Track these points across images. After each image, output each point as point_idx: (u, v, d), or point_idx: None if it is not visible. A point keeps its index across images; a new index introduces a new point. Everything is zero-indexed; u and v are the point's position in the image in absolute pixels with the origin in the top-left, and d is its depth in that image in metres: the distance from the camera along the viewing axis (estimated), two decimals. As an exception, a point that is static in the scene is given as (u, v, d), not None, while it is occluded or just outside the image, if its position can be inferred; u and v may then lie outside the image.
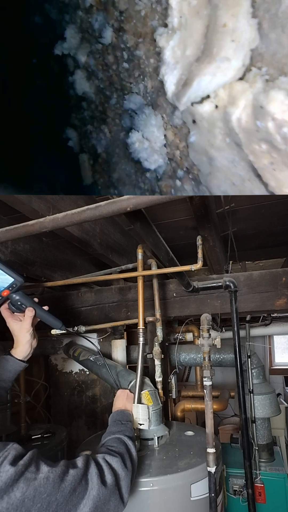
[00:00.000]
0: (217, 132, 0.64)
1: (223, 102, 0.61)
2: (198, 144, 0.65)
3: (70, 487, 0.78)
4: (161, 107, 0.66)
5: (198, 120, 0.64)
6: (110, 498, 0.85)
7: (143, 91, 0.66)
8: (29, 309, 1.12)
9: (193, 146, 0.66)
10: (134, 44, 0.63)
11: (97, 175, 0.71)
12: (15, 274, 1.04)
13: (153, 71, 0.64)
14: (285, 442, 3.70)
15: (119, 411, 1.29)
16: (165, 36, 0.61)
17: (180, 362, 3.00)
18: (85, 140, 0.70)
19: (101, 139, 0.70)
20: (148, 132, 0.67)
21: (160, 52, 0.62)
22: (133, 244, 1.99)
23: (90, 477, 0.84)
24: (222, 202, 1.63)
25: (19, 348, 1.15)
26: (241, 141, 0.62)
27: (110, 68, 0.66)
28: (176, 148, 0.68)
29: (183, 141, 0.67)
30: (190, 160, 0.68)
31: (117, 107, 0.68)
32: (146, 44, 0.63)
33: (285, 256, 2.53)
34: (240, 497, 2.18)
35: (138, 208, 0.80)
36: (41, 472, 0.75)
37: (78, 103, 0.68)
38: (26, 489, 0.70)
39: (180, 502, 1.20)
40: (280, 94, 0.57)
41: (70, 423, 2.73)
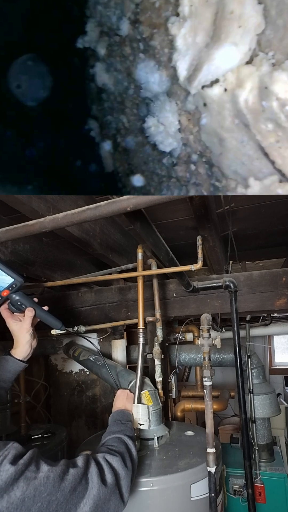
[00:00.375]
0: (226, 114, 0.68)
1: (231, 85, 0.66)
2: (209, 126, 0.70)
3: (70, 486, 0.78)
4: (174, 94, 0.70)
5: (208, 103, 0.68)
6: (110, 498, 0.85)
7: (158, 79, 0.70)
8: (29, 309, 1.12)
9: (205, 128, 0.71)
10: (150, 35, 0.67)
11: (118, 163, 0.74)
12: (15, 274, 1.04)
13: (167, 60, 0.68)
14: (285, 442, 3.70)
15: (119, 411, 1.29)
16: (177, 25, 0.66)
17: (180, 362, 3.00)
18: (106, 130, 0.73)
19: (120, 129, 0.73)
20: (163, 118, 0.72)
21: (172, 40, 0.67)
22: (133, 244, 1.99)
23: (91, 477, 0.84)
24: (222, 202, 1.63)
25: (19, 349, 1.15)
26: (248, 122, 0.67)
27: (128, 59, 0.69)
28: (190, 133, 0.72)
29: (196, 126, 0.72)
30: (203, 143, 0.72)
31: (134, 97, 0.72)
32: (161, 34, 0.67)
33: (285, 256, 2.53)
34: (240, 497, 2.18)
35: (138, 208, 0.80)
36: (41, 471, 0.75)
37: (99, 95, 0.71)
38: (26, 488, 0.71)
39: (180, 502, 1.20)
40: (283, 75, 0.62)
41: (70, 423, 2.73)
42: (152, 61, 0.68)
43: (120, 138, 0.73)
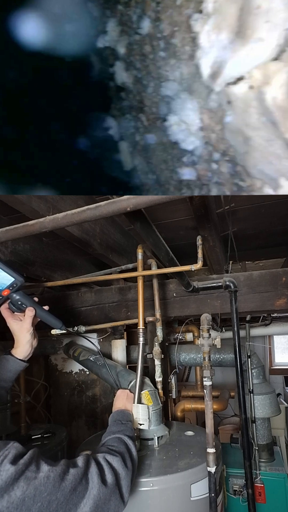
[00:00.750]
0: (252, 111, 0.67)
1: (257, 82, 0.64)
2: (233, 124, 0.69)
3: (70, 486, 0.78)
4: (196, 92, 0.69)
5: (233, 101, 0.67)
6: (110, 498, 0.85)
7: (179, 77, 0.69)
8: (29, 308, 1.12)
9: (229, 127, 0.69)
10: (170, 33, 0.67)
11: (137, 161, 0.74)
12: (15, 274, 1.04)
13: (188, 58, 0.67)
14: (285, 442, 3.70)
15: (119, 411, 1.29)
16: (200, 22, 0.65)
17: (180, 362, 3.00)
18: (124, 129, 0.73)
19: (139, 127, 0.73)
20: (185, 116, 0.71)
21: (195, 37, 0.66)
22: (133, 244, 1.99)
23: (91, 476, 0.84)
24: (222, 202, 1.63)
25: (19, 348, 1.15)
26: (276, 120, 0.65)
27: (147, 58, 0.69)
28: (211, 132, 0.71)
29: (218, 124, 0.70)
30: (226, 141, 0.71)
31: (153, 95, 0.71)
32: (182, 32, 0.66)
33: (285, 256, 2.53)
34: (240, 497, 2.18)
35: (138, 208, 0.81)
36: (41, 471, 0.75)
37: (117, 93, 0.71)
38: (27, 488, 0.71)
39: (180, 502, 1.20)
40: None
41: (70, 423, 2.73)
42: (173, 59, 0.68)
43: (139, 136, 0.73)
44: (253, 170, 0.70)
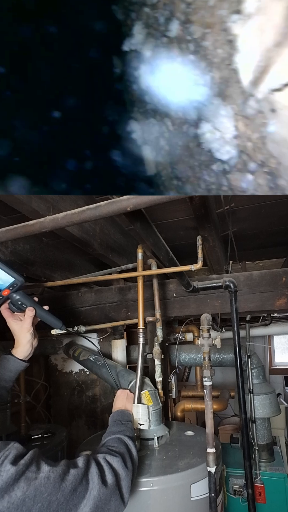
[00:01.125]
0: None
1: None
2: (278, 135, 0.64)
3: (71, 487, 0.78)
4: (230, 97, 0.65)
5: (278, 109, 0.62)
6: (111, 498, 0.85)
7: (210, 82, 0.65)
8: (29, 308, 1.12)
9: (272, 137, 0.64)
10: (201, 35, 0.63)
11: (160, 167, 0.72)
12: (15, 273, 1.05)
13: (221, 61, 0.63)
14: (285, 442, 3.70)
15: (119, 411, 1.29)
16: (240, 23, 0.60)
17: (180, 362, 3.00)
18: (148, 133, 0.70)
19: (164, 132, 0.70)
20: (218, 123, 0.67)
21: (232, 40, 0.61)
22: (133, 244, 1.99)
23: (91, 477, 0.84)
24: (222, 202, 1.63)
25: (19, 348, 1.15)
26: None
27: (175, 61, 0.66)
28: (247, 140, 0.67)
29: (256, 132, 0.66)
30: (267, 152, 0.66)
31: (179, 99, 0.68)
32: (214, 34, 0.62)
33: (285, 256, 2.53)
34: (240, 497, 2.18)
35: (138, 208, 0.81)
36: (42, 472, 0.75)
37: (141, 97, 0.69)
38: (27, 488, 0.71)
39: (180, 502, 1.20)
40: None
41: (70, 423, 2.73)
42: (203, 62, 0.64)
43: (163, 141, 0.70)
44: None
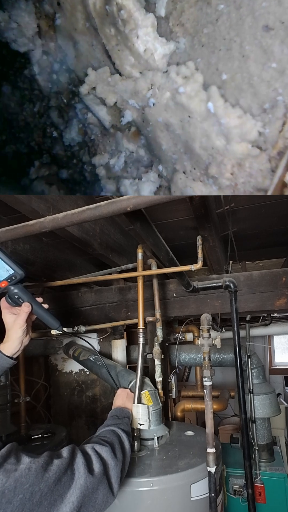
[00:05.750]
0: (78, 16, 0.79)
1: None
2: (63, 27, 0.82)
3: (54, 477, 0.77)
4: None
5: (62, 2, 0.80)
6: (98, 487, 0.84)
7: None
8: (25, 304, 1.05)
9: (59, 30, 0.81)
10: None
11: None
12: (16, 266, 1.00)
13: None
14: (285, 442, 3.70)
15: (118, 408, 1.30)
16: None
17: (180, 362, 3.00)
18: None
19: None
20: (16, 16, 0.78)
21: None
22: (133, 244, 1.99)
23: (77, 467, 0.83)
24: (222, 202, 1.63)
25: (8, 343, 1.07)
26: (97, 25, 0.76)
27: None
28: (50, 40, 0.83)
29: (51, 28, 0.82)
30: (60, 48, 0.83)
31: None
32: None
33: (285, 256, 2.53)
34: (240, 497, 2.18)
35: (138, 208, 0.80)
36: (22, 463, 0.74)
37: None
38: (6, 480, 0.70)
39: (180, 502, 1.20)
40: None
41: (70, 423, 2.73)
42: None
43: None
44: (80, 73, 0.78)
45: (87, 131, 1.02)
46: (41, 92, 0.89)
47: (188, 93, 0.79)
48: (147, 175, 0.97)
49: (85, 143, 1.05)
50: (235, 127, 0.77)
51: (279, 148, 0.74)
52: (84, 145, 1.05)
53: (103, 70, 0.83)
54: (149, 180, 0.96)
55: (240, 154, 0.78)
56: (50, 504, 0.73)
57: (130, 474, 1.18)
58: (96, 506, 0.83)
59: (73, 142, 1.04)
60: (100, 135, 1.01)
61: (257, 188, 0.80)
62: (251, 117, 0.76)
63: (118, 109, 0.92)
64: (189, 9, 0.74)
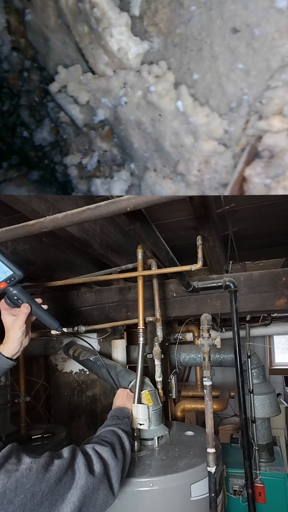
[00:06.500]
0: (50, 12, 0.77)
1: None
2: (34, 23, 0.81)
3: (55, 477, 0.77)
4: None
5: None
6: (99, 487, 0.84)
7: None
8: (24, 305, 1.06)
9: (30, 26, 0.80)
10: None
11: None
12: (14, 267, 1.00)
13: None
14: (285, 442, 3.70)
15: (118, 408, 1.30)
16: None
17: (180, 362, 3.00)
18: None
19: None
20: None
21: None
22: (133, 244, 1.99)
23: (77, 467, 0.83)
24: (222, 202, 1.63)
25: (7, 344, 1.07)
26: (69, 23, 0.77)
27: None
28: (20, 36, 0.82)
29: (22, 24, 0.80)
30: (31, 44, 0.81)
31: None
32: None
33: (285, 256, 2.53)
34: (240, 497, 2.18)
35: (138, 208, 0.80)
36: (23, 463, 0.74)
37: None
38: (7, 480, 0.70)
39: (180, 502, 1.20)
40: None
41: (70, 423, 2.73)
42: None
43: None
44: (52, 71, 0.79)
45: (59, 130, 1.01)
46: (10, 90, 0.87)
47: (159, 92, 0.81)
48: (119, 174, 0.97)
49: (57, 142, 1.03)
50: (202, 125, 0.79)
51: (242, 145, 0.77)
52: (56, 145, 1.04)
53: (75, 68, 0.84)
54: (121, 179, 0.96)
55: (207, 152, 0.80)
56: (51, 504, 0.74)
57: (130, 474, 1.18)
58: (97, 506, 0.83)
59: (45, 142, 1.03)
60: (73, 134, 1.00)
61: (221, 183, 0.82)
62: (218, 116, 0.79)
63: (90, 107, 0.92)
64: (163, 9, 0.76)
